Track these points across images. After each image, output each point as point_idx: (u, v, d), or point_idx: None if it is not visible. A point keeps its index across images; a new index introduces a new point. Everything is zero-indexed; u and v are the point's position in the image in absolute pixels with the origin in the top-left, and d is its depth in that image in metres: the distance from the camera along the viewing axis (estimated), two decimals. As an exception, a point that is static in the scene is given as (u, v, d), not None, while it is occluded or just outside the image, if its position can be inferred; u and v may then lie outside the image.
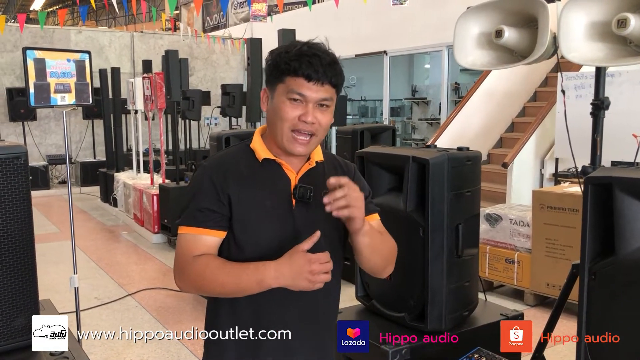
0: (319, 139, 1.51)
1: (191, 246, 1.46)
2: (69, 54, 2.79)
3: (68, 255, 3.55)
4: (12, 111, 10.46)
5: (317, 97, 1.45)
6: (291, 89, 1.44)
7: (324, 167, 1.60)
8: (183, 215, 1.50)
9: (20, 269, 1.83)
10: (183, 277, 1.47)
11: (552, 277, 4.41)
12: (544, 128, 6.43)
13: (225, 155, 1.57)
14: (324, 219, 1.52)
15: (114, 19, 25.46)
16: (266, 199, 1.48)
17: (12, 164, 1.79)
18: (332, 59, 1.47)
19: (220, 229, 1.47)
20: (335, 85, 1.49)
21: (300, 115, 1.45)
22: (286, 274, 1.38)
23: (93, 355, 3.73)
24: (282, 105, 1.46)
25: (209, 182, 1.47)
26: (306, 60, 1.43)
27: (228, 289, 1.43)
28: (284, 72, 1.45)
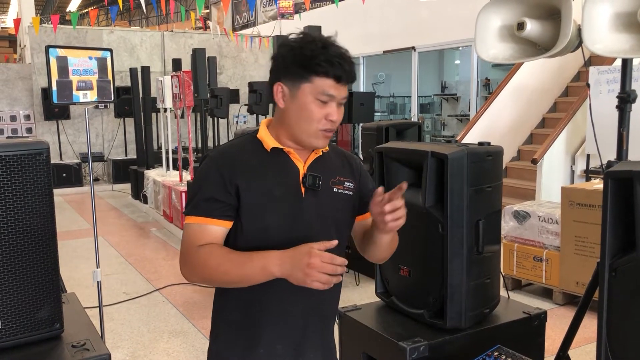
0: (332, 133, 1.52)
1: (197, 236, 1.46)
2: (91, 51, 2.84)
3: (100, 251, 3.62)
4: (47, 110, 10.72)
5: (342, 96, 1.48)
6: (322, 90, 1.44)
7: (330, 156, 1.61)
8: (190, 205, 1.50)
9: (43, 262, 1.87)
10: (187, 266, 1.48)
11: (581, 276, 4.32)
12: (575, 123, 6.29)
13: (232, 145, 1.57)
14: (332, 207, 1.55)
15: (147, 19, 25.85)
16: (275, 188, 1.49)
17: (34, 159, 1.82)
18: (351, 58, 1.49)
19: (226, 218, 1.47)
20: (352, 83, 1.52)
21: (327, 115, 1.46)
22: (287, 263, 1.36)
23: (120, 349, 3.80)
24: (310, 105, 1.46)
25: (215, 172, 1.47)
26: (336, 62, 1.43)
27: (232, 276, 1.42)
28: (313, 72, 1.44)
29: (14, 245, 1.79)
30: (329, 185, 1.55)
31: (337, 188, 1.57)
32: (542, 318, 2.46)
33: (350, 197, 1.60)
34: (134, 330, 4.15)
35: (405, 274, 2.38)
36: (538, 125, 7.63)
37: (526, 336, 2.42)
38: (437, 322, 2.26)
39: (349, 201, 1.60)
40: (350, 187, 1.60)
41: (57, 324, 1.90)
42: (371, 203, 1.46)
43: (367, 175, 1.68)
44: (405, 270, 2.38)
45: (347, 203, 1.59)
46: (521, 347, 2.23)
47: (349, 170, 1.63)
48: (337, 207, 1.57)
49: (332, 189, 1.56)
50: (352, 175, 1.62)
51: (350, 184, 1.60)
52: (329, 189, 1.55)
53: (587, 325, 2.64)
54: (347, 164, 1.64)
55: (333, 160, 1.61)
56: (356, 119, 8.45)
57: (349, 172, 1.62)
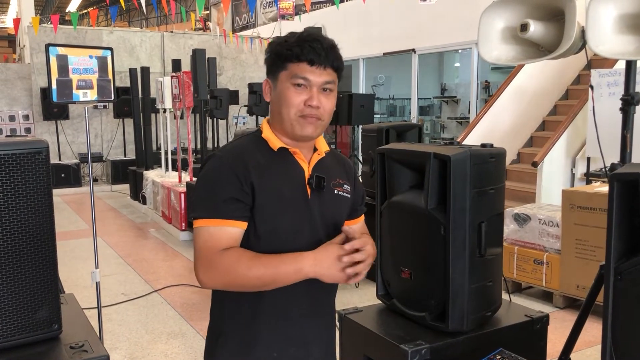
0: (324, 124, 1.51)
1: (216, 239, 1.42)
2: (91, 50, 2.82)
3: (98, 251, 3.60)
4: (46, 110, 10.70)
5: (320, 80, 1.46)
6: (295, 74, 1.44)
7: (329, 158, 1.62)
8: (202, 207, 1.45)
9: (41, 262, 1.85)
10: (210, 272, 1.42)
11: (582, 279, 4.30)
12: (575, 126, 6.28)
13: (239, 145, 1.54)
14: (333, 209, 1.57)
15: (146, 20, 25.84)
16: (285, 189, 1.49)
17: (33, 159, 1.81)
18: (332, 43, 1.48)
19: (244, 219, 1.44)
20: (337, 69, 1.49)
21: (306, 100, 1.45)
22: (324, 263, 1.40)
23: (118, 350, 3.78)
24: (286, 91, 1.46)
25: (229, 172, 1.44)
26: (307, 45, 1.43)
27: (265, 280, 1.41)
28: (287, 59, 1.45)
29: (12, 245, 1.77)
30: (331, 187, 1.56)
31: (337, 190, 1.58)
32: (544, 321, 2.44)
33: (348, 200, 1.61)
34: (132, 331, 4.12)
35: (406, 276, 2.36)
36: (538, 128, 7.62)
37: (528, 339, 2.40)
38: (439, 325, 2.24)
39: (346, 203, 1.62)
40: (348, 190, 1.62)
41: (55, 325, 1.88)
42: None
43: (358, 179, 1.71)
44: (407, 273, 2.36)
45: (345, 205, 1.61)
46: (523, 351, 2.21)
47: (345, 172, 1.65)
48: (337, 208, 1.58)
49: (333, 190, 1.57)
50: (348, 178, 1.64)
51: (348, 187, 1.62)
52: (330, 191, 1.56)
53: (588, 328, 2.62)
54: (343, 166, 1.66)
55: (332, 163, 1.62)
56: (356, 121, 8.44)
57: (345, 174, 1.64)
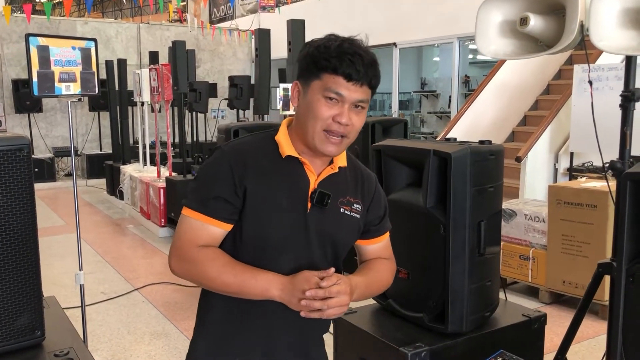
0: (350, 141, 1.42)
1: (197, 234, 1.40)
2: (74, 41, 2.68)
3: (74, 248, 3.47)
4: (18, 103, 10.42)
5: (354, 97, 1.37)
6: (329, 87, 1.36)
7: (345, 173, 1.52)
8: (193, 197, 1.43)
9: (23, 265, 1.75)
10: (182, 264, 1.41)
11: (568, 275, 4.31)
12: (558, 122, 6.31)
13: (247, 143, 1.48)
14: (334, 227, 1.48)
15: (120, 11, 25.37)
16: (282, 198, 1.42)
17: (14, 155, 1.70)
18: (373, 59, 1.39)
19: (229, 221, 1.41)
20: (372, 87, 1.41)
21: (335, 116, 1.37)
22: (288, 290, 1.35)
23: (100, 352, 3.66)
24: (317, 103, 1.38)
25: (227, 169, 1.40)
26: (347, 59, 1.34)
27: (230, 289, 1.39)
28: (323, 69, 1.36)
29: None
30: (337, 205, 1.48)
31: (344, 209, 1.49)
32: (542, 321, 2.41)
33: (356, 220, 1.52)
34: (114, 331, 4.00)
35: (404, 276, 2.30)
36: (520, 122, 7.65)
37: (526, 339, 2.37)
38: (438, 327, 2.19)
39: (354, 224, 1.52)
40: (358, 210, 1.52)
41: (38, 332, 1.78)
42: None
43: (379, 200, 1.59)
44: (404, 273, 2.30)
45: (350, 225, 1.52)
46: (521, 351, 2.17)
47: (361, 191, 1.55)
48: (339, 227, 1.50)
49: (339, 208, 1.49)
50: (363, 197, 1.54)
51: (359, 206, 1.52)
52: (335, 208, 1.48)
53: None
54: (361, 183, 1.56)
55: (347, 179, 1.53)
56: (337, 115, 8.38)
57: (361, 193, 1.54)
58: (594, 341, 3.83)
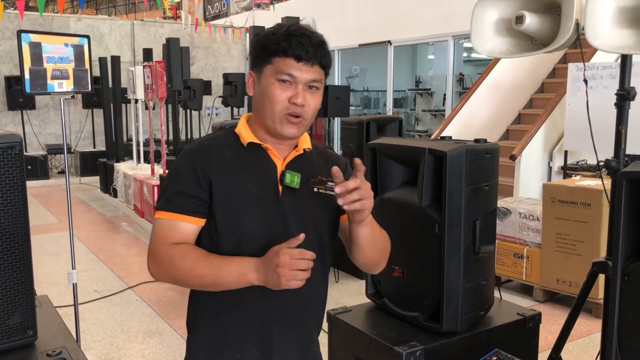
0: (308, 122, 1.43)
1: (167, 233, 1.40)
2: (67, 38, 2.65)
3: (67, 246, 3.45)
4: (11, 100, 10.34)
5: (307, 77, 1.38)
6: (280, 69, 1.38)
7: (312, 156, 1.52)
8: (161, 199, 1.43)
9: (15, 264, 1.73)
10: (157, 265, 1.41)
11: (562, 273, 4.32)
12: (552, 120, 6.32)
13: (209, 139, 1.51)
14: (311, 208, 1.46)
15: (114, 8, 25.25)
16: (250, 186, 1.41)
17: (6, 153, 1.68)
18: (321, 40, 1.41)
19: (198, 215, 1.40)
20: (324, 67, 1.42)
21: (290, 97, 1.38)
22: (262, 269, 1.33)
23: (93, 350, 3.64)
24: (271, 87, 1.39)
25: (189, 166, 1.41)
26: (295, 40, 1.36)
27: (206, 280, 1.37)
28: (273, 53, 1.38)
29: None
30: (309, 185, 1.44)
31: (317, 188, 1.45)
32: (536, 320, 2.41)
33: (333, 199, 1.48)
34: (107, 330, 3.98)
35: (398, 275, 2.30)
36: (514, 121, 7.66)
37: (520, 338, 2.37)
38: (433, 326, 2.19)
39: (330, 203, 1.48)
40: (332, 187, 1.48)
41: (30, 331, 1.76)
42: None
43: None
44: (399, 271, 2.30)
45: (328, 205, 1.49)
46: (516, 349, 2.17)
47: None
48: (316, 207, 1.48)
49: (312, 188, 1.44)
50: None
51: (333, 184, 1.48)
52: (309, 189, 1.44)
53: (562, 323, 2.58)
54: (331, 164, 1.52)
55: (315, 160, 1.52)
56: (332, 113, 8.35)
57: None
58: (588, 339, 3.84)
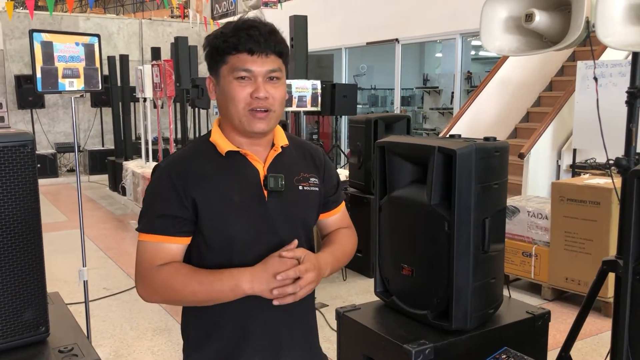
0: (277, 115, 1.41)
1: (154, 255, 1.36)
2: (78, 37, 2.67)
3: (76, 244, 3.47)
4: (21, 98, 10.42)
5: (264, 70, 1.35)
6: (236, 66, 1.35)
7: (291, 151, 1.50)
8: (142, 221, 1.40)
9: (27, 261, 1.75)
10: (147, 289, 1.38)
11: (571, 271, 4.30)
12: (561, 118, 6.29)
13: (183, 153, 1.45)
14: (298, 207, 1.46)
15: (122, 7, 25.32)
16: (235, 195, 1.38)
17: (18, 152, 1.70)
18: (272, 28, 1.37)
19: (183, 235, 1.37)
20: (281, 55, 1.39)
21: (252, 93, 1.35)
22: (261, 279, 1.32)
23: (102, 347, 3.66)
24: (230, 86, 1.36)
25: (168, 186, 1.36)
26: (244, 34, 1.33)
27: (200, 297, 1.35)
28: (225, 52, 1.35)
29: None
30: (294, 184, 1.45)
31: (302, 185, 1.47)
32: (545, 318, 2.40)
33: (317, 193, 1.51)
34: (116, 327, 4.01)
35: (407, 273, 2.30)
36: (522, 119, 7.63)
37: (530, 337, 2.36)
38: (442, 324, 2.18)
39: (315, 197, 1.51)
40: (316, 183, 1.50)
41: (42, 327, 1.79)
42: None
43: (330, 169, 1.58)
44: (408, 270, 2.30)
45: (313, 200, 1.50)
46: (525, 348, 2.16)
47: (312, 164, 1.53)
48: (303, 205, 1.48)
49: (297, 187, 1.46)
50: (316, 169, 1.52)
51: (315, 179, 1.50)
52: (293, 188, 1.45)
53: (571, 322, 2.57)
54: (310, 157, 1.54)
55: (294, 156, 1.50)
56: (339, 111, 8.35)
57: (313, 166, 1.52)
58: (597, 338, 3.83)
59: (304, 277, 1.32)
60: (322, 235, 1.63)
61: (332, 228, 1.61)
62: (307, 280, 1.32)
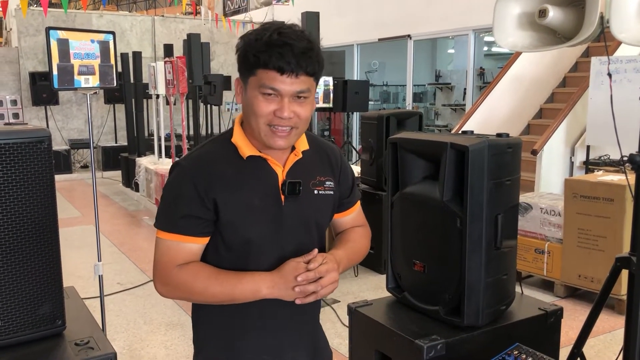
0: (300, 131, 1.40)
1: (173, 254, 1.39)
2: (93, 34, 2.70)
3: (91, 239, 3.51)
4: (35, 95, 10.51)
5: (292, 90, 1.32)
6: (263, 83, 1.32)
7: (310, 155, 1.50)
8: (163, 220, 1.41)
9: (44, 256, 1.78)
10: (167, 287, 1.41)
11: (584, 269, 4.28)
12: (574, 114, 6.25)
13: (205, 154, 1.45)
14: (313, 210, 1.48)
15: (135, 3, 25.44)
16: (254, 199, 1.40)
17: (35, 148, 1.73)
18: (306, 46, 1.32)
19: (204, 235, 1.40)
20: (312, 74, 1.35)
21: (276, 111, 1.33)
22: (281, 284, 1.35)
23: (117, 342, 3.71)
24: (255, 100, 1.34)
25: (191, 187, 1.37)
26: (276, 52, 1.29)
27: (220, 298, 1.39)
28: (254, 65, 1.32)
29: (14, 239, 1.70)
30: (310, 188, 1.47)
31: (317, 190, 1.48)
32: (558, 315, 2.39)
33: (331, 197, 1.52)
34: (130, 322, 4.05)
35: (419, 269, 2.30)
36: (535, 115, 7.59)
37: (542, 333, 2.36)
38: (454, 320, 2.19)
39: (329, 201, 1.53)
40: (331, 187, 1.52)
41: (59, 321, 1.82)
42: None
43: (347, 170, 1.59)
44: (420, 266, 2.30)
45: (328, 203, 1.52)
46: (537, 344, 2.17)
47: (329, 166, 1.54)
48: (318, 209, 1.50)
49: (312, 191, 1.48)
50: (332, 172, 1.54)
51: (331, 183, 1.52)
52: (309, 192, 1.47)
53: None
54: (327, 159, 1.55)
55: (313, 159, 1.51)
56: (350, 108, 8.35)
57: (329, 168, 1.54)
58: (610, 335, 3.81)
59: (326, 276, 1.34)
60: (336, 234, 1.64)
61: (346, 227, 1.63)
62: (329, 279, 1.35)
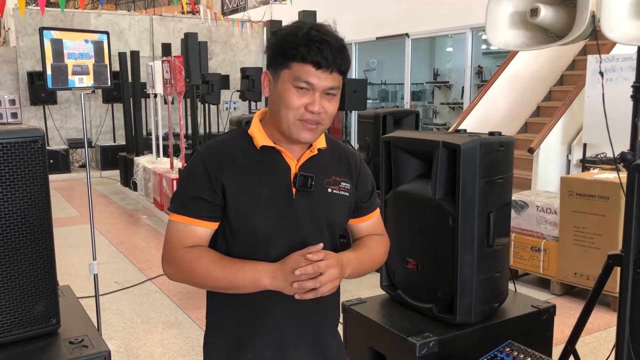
0: (324, 127, 1.43)
1: (182, 236, 1.42)
2: (87, 34, 2.71)
3: (89, 239, 3.52)
4: (33, 95, 10.52)
5: (325, 85, 1.36)
6: (298, 76, 1.35)
7: (326, 154, 1.52)
8: (175, 202, 1.45)
9: (39, 254, 1.79)
10: (173, 268, 1.44)
11: (580, 266, 4.30)
12: (571, 113, 6.26)
13: (221, 141, 1.49)
14: (325, 209, 1.48)
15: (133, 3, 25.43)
16: (264, 189, 1.42)
17: (29, 147, 1.74)
18: (342, 45, 1.38)
19: (212, 219, 1.42)
20: (343, 73, 1.40)
21: (307, 105, 1.36)
22: (280, 276, 1.35)
23: (113, 341, 3.72)
24: (287, 92, 1.37)
25: (202, 170, 1.41)
26: (315, 47, 1.33)
27: (221, 284, 1.41)
28: (291, 58, 1.35)
29: (8, 237, 1.71)
30: (323, 185, 1.47)
31: (331, 188, 1.49)
32: (550, 312, 2.41)
33: (346, 198, 1.52)
34: (127, 321, 4.06)
35: (412, 267, 2.32)
36: (533, 114, 7.60)
37: (535, 330, 2.38)
38: (446, 317, 2.21)
39: (344, 202, 1.52)
40: (347, 188, 1.52)
41: (53, 319, 1.82)
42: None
43: (366, 176, 1.59)
44: (413, 264, 2.32)
45: (341, 204, 1.52)
46: (530, 341, 2.18)
47: (347, 169, 1.55)
48: (330, 208, 1.49)
49: (326, 189, 1.48)
50: (350, 175, 1.54)
51: (347, 184, 1.52)
52: (323, 189, 1.47)
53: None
54: (346, 162, 1.56)
55: (329, 159, 1.52)
56: (349, 107, 8.34)
57: (347, 171, 1.54)
58: (605, 333, 3.82)
59: (326, 273, 1.34)
60: (353, 240, 1.64)
61: (363, 234, 1.63)
62: (329, 276, 1.34)
